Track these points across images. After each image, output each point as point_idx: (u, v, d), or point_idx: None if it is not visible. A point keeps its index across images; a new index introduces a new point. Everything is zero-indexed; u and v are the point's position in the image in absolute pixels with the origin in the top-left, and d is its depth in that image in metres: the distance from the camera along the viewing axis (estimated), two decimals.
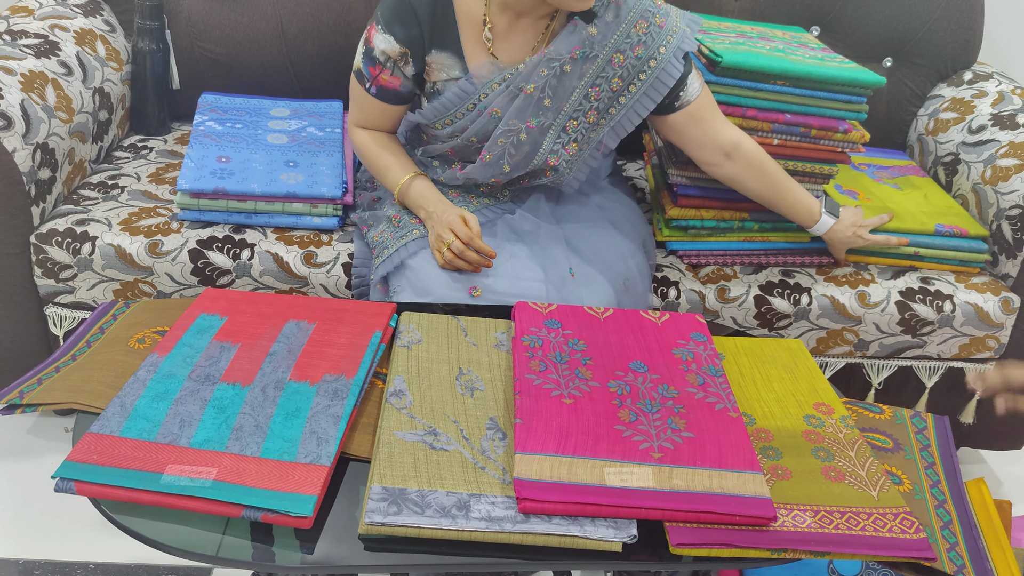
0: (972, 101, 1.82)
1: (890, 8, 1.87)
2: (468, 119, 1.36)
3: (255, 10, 1.82)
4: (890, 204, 1.64)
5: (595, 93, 1.32)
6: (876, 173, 1.77)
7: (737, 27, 1.66)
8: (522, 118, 1.33)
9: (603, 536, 0.84)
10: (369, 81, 1.37)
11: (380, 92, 1.39)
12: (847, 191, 1.67)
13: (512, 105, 1.32)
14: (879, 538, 0.87)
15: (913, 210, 1.63)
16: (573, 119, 1.35)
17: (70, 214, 1.52)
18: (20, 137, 1.44)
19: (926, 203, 1.67)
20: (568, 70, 1.30)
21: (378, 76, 1.36)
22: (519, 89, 1.32)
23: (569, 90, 1.32)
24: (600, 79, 1.32)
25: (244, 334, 1.07)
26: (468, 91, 1.35)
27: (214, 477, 0.86)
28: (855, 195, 1.67)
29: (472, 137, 1.37)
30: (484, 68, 1.34)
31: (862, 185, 1.71)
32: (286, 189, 1.51)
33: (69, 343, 1.12)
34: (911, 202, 1.67)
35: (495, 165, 1.37)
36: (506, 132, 1.33)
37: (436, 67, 1.35)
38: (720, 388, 1.02)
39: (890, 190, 1.70)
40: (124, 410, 0.93)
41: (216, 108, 1.74)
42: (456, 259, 1.31)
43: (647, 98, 1.35)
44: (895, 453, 1.04)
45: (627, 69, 1.32)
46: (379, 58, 1.35)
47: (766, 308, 1.54)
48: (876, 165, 1.82)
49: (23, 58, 1.55)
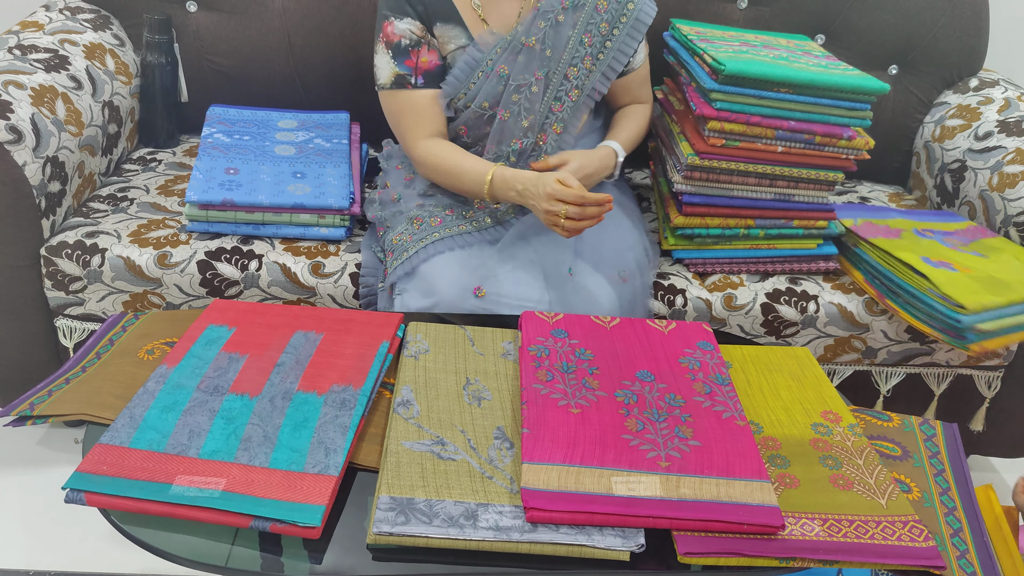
0: (978, 108, 1.82)
1: (895, 16, 1.88)
2: (478, 86, 1.43)
3: (262, 23, 1.84)
4: (991, 272, 1.45)
5: (588, 39, 1.43)
6: (947, 240, 1.57)
7: (741, 35, 1.66)
8: (529, 71, 1.41)
9: (611, 545, 0.84)
10: (413, 74, 1.41)
11: (427, 77, 1.43)
12: (938, 263, 1.46)
13: (517, 61, 1.41)
14: (888, 546, 0.87)
15: (1012, 279, 1.44)
16: (572, 66, 1.44)
17: (80, 226, 1.53)
18: (30, 151, 1.45)
19: (1020, 265, 1.49)
20: (562, 20, 1.42)
21: (418, 63, 1.41)
22: (521, 44, 1.41)
23: (565, 39, 1.43)
24: (590, 25, 1.43)
25: (252, 345, 1.08)
26: (477, 58, 1.42)
27: (223, 488, 0.86)
28: (951, 267, 1.45)
29: (484, 103, 1.44)
30: (487, 36, 1.43)
31: (947, 256, 1.50)
32: (294, 200, 1.52)
33: (79, 355, 1.13)
34: (1009, 270, 1.47)
35: (514, 122, 1.44)
36: (518, 88, 1.41)
37: (444, 39, 1.43)
38: (727, 396, 1.02)
39: (976, 258, 1.50)
40: (134, 421, 0.94)
41: (224, 120, 1.76)
42: (579, 224, 1.29)
43: (630, 38, 1.47)
44: (904, 461, 1.04)
45: (610, 13, 1.44)
46: (409, 44, 1.41)
47: (773, 316, 1.53)
48: (941, 231, 1.62)
49: (33, 72, 1.57)
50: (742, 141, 1.44)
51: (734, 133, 1.44)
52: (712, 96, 1.42)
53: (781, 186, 1.50)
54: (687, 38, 1.58)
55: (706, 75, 1.45)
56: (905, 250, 1.48)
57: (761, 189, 1.51)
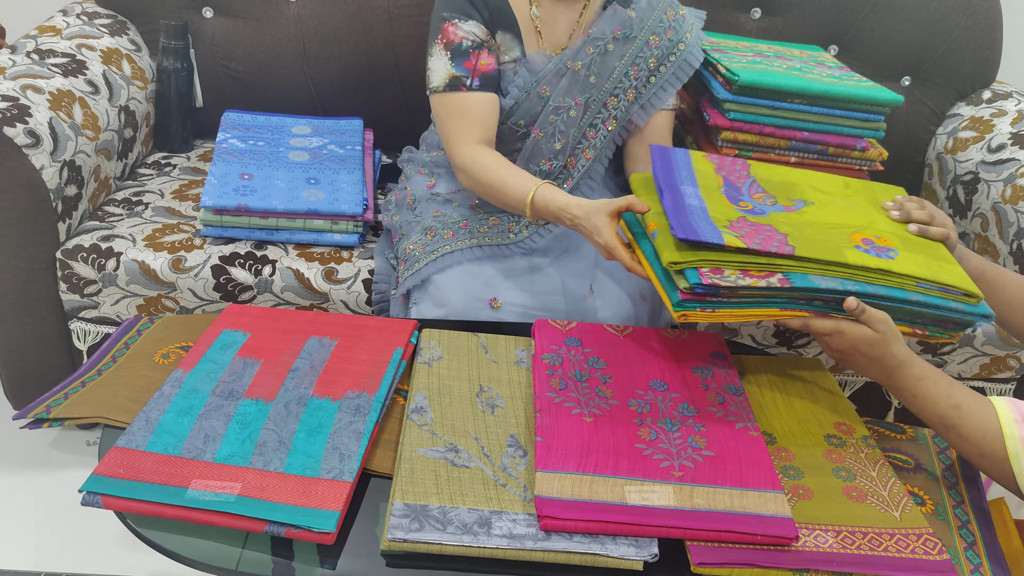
0: (991, 120, 1.82)
1: (908, 27, 1.88)
2: (519, 104, 1.42)
3: (277, 30, 1.85)
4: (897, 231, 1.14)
5: (634, 72, 1.41)
6: (767, 199, 1.17)
7: (754, 46, 1.67)
8: (571, 94, 1.40)
9: (624, 554, 0.84)
10: (469, 76, 1.36)
11: (483, 80, 1.37)
12: (871, 249, 1.08)
13: (560, 83, 1.40)
14: (902, 559, 0.87)
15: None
16: (614, 96, 1.42)
17: (95, 230, 1.54)
18: (48, 154, 1.47)
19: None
20: (611, 49, 1.40)
21: (476, 64, 1.36)
22: (566, 67, 1.39)
23: (611, 68, 1.40)
24: (639, 59, 1.41)
25: (267, 350, 1.08)
26: (527, 80, 1.40)
27: (238, 492, 0.87)
28: (890, 250, 1.08)
29: (520, 120, 1.43)
30: (538, 56, 1.42)
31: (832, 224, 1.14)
32: (307, 206, 1.53)
33: (95, 358, 1.14)
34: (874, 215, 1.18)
35: (547, 144, 1.42)
36: (556, 109, 1.40)
37: (502, 48, 1.42)
38: (740, 407, 1.02)
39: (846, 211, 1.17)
40: (149, 425, 0.94)
41: (239, 126, 1.77)
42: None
43: (675, 78, 1.45)
44: (917, 473, 1.04)
45: (661, 50, 1.42)
46: (471, 46, 1.36)
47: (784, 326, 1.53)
48: (738, 180, 1.21)
49: (51, 77, 1.58)
50: (755, 151, 1.45)
51: (747, 143, 1.44)
52: (726, 106, 1.42)
53: None
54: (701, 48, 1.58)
55: (719, 85, 1.45)
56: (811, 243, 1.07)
57: None
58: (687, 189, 1.11)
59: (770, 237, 1.02)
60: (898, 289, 1.01)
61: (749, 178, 1.19)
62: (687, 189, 1.11)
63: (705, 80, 1.51)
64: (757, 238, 1.01)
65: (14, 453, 1.71)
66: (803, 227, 1.07)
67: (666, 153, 1.20)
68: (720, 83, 1.46)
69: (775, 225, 1.06)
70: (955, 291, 1.01)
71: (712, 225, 1.02)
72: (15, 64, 1.58)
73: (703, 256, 0.99)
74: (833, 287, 0.99)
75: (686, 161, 1.19)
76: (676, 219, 1.03)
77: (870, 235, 1.08)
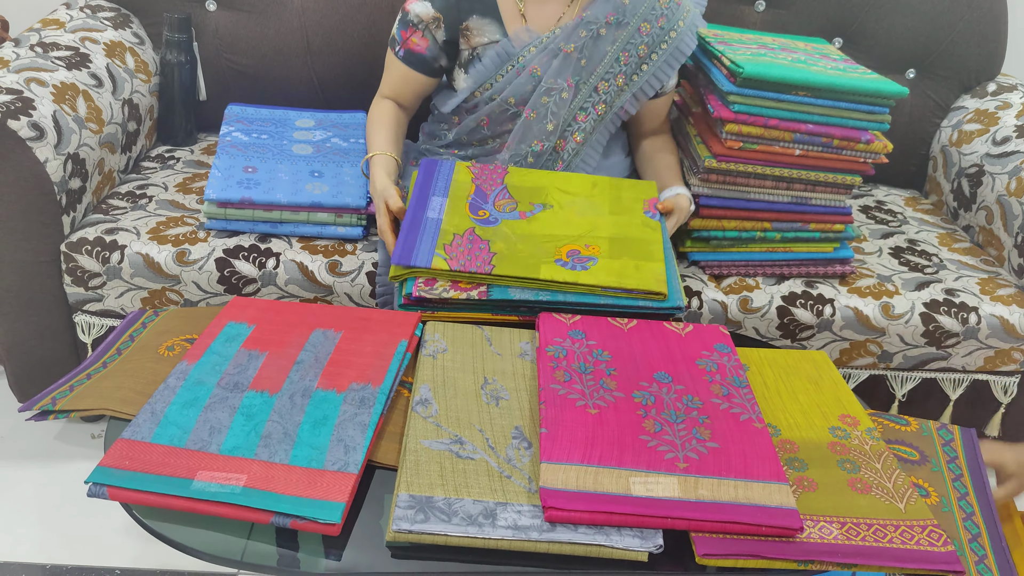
0: (996, 113, 1.81)
1: (913, 20, 1.87)
2: (506, 80, 1.46)
3: (281, 23, 1.85)
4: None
5: (624, 58, 1.45)
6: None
7: (759, 38, 1.66)
8: (563, 76, 1.44)
9: (629, 546, 0.84)
10: (399, 45, 1.49)
11: (407, 55, 1.50)
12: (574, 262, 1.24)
13: (552, 64, 1.44)
14: (907, 551, 0.87)
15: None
16: (604, 80, 1.47)
17: (99, 223, 1.54)
18: (52, 147, 1.47)
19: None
20: (603, 34, 1.44)
21: (408, 39, 1.48)
22: (559, 49, 1.43)
23: (603, 53, 1.45)
24: (630, 45, 1.45)
25: (272, 342, 1.08)
26: (510, 52, 1.45)
27: (243, 484, 0.87)
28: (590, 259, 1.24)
29: (510, 99, 1.47)
30: (522, 33, 1.46)
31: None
32: (311, 199, 1.53)
33: (100, 351, 1.14)
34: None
35: (538, 124, 1.47)
36: (548, 90, 1.44)
37: (476, 32, 1.46)
38: (745, 399, 1.02)
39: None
40: (155, 417, 0.94)
41: (242, 119, 1.77)
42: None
43: (667, 66, 1.49)
44: (922, 465, 1.04)
45: (652, 38, 1.46)
46: (412, 21, 1.47)
47: (789, 319, 1.53)
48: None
49: (55, 70, 1.58)
50: (760, 144, 1.44)
51: (752, 136, 1.44)
52: (730, 99, 1.42)
53: (798, 189, 1.50)
54: (705, 40, 1.57)
55: (724, 78, 1.45)
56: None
57: (778, 192, 1.51)
58: (435, 200, 1.31)
59: (478, 256, 1.20)
60: (586, 295, 1.19)
61: (501, 185, 1.36)
62: (435, 200, 1.31)
63: (709, 72, 1.51)
64: (464, 259, 1.19)
65: (19, 445, 1.71)
66: (518, 241, 1.24)
67: (431, 165, 1.39)
68: (724, 75, 1.46)
69: (492, 240, 1.24)
70: (639, 292, 1.18)
71: (432, 244, 1.22)
72: (19, 57, 1.58)
73: (418, 271, 1.19)
74: (526, 298, 1.18)
75: (448, 172, 1.38)
76: (401, 241, 1.23)
77: (580, 245, 1.25)
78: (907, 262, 1.66)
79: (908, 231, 1.79)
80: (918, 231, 1.79)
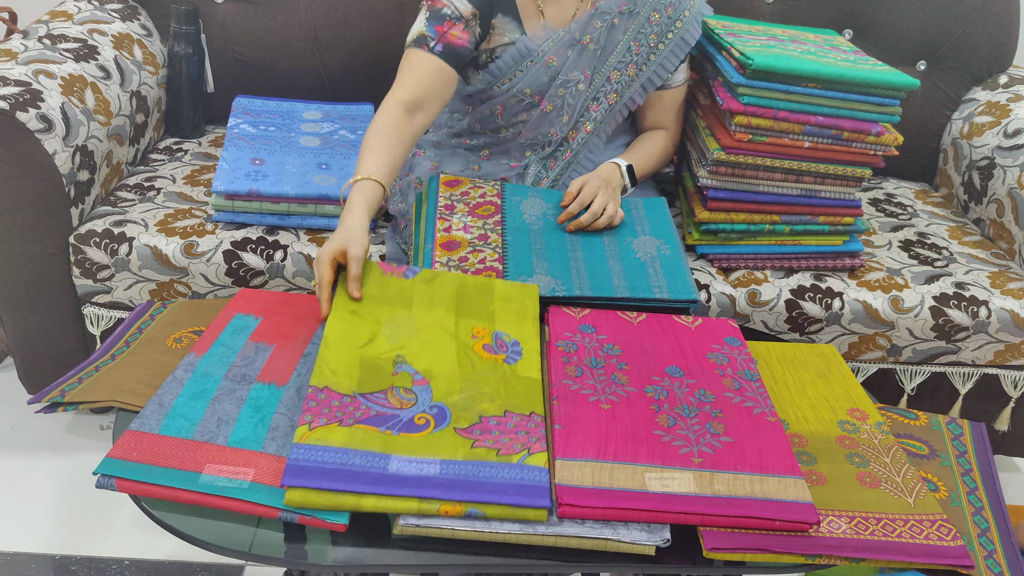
0: (1008, 105, 1.80)
1: (924, 11, 1.86)
2: (524, 72, 1.47)
3: (288, 15, 1.84)
4: None
5: (636, 47, 1.47)
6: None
7: (768, 30, 1.65)
8: (579, 67, 1.46)
9: (636, 539, 0.84)
10: (435, 40, 1.37)
11: (446, 49, 1.37)
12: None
13: (569, 56, 1.45)
14: (916, 545, 0.86)
15: None
16: (616, 69, 1.49)
17: (108, 215, 1.54)
18: (60, 139, 1.47)
19: None
20: (616, 24, 1.46)
21: (447, 32, 1.37)
22: (575, 40, 1.45)
23: (615, 42, 1.47)
24: (640, 34, 1.47)
25: (279, 335, 1.08)
26: (530, 48, 1.46)
27: (251, 478, 0.87)
28: None
29: (526, 89, 1.47)
30: (539, 30, 1.46)
31: None
32: (319, 191, 1.53)
33: (108, 343, 1.14)
34: None
35: (554, 116, 1.48)
36: (565, 83, 1.46)
37: (498, 32, 1.46)
38: (757, 392, 1.02)
39: None
40: (163, 408, 0.95)
41: (250, 111, 1.77)
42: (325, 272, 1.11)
43: (673, 55, 1.51)
44: (931, 459, 1.03)
45: (660, 27, 1.48)
46: (450, 15, 1.39)
47: (797, 312, 1.53)
48: None
49: (63, 62, 1.58)
50: (769, 136, 1.44)
51: (761, 128, 1.43)
52: (739, 91, 1.41)
53: (807, 182, 1.49)
54: (714, 32, 1.57)
55: (733, 69, 1.44)
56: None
57: (787, 185, 1.50)
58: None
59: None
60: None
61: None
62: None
63: (719, 64, 1.50)
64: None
65: (29, 437, 1.72)
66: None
67: None
68: (734, 67, 1.45)
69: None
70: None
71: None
72: (27, 49, 1.58)
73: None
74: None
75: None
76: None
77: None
78: (917, 255, 1.65)
79: (918, 224, 1.78)
80: (928, 224, 1.78)
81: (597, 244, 1.32)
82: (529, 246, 1.28)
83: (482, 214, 1.33)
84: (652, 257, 1.29)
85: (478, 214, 1.33)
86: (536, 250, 1.28)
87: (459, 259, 1.24)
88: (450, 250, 1.25)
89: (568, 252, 1.29)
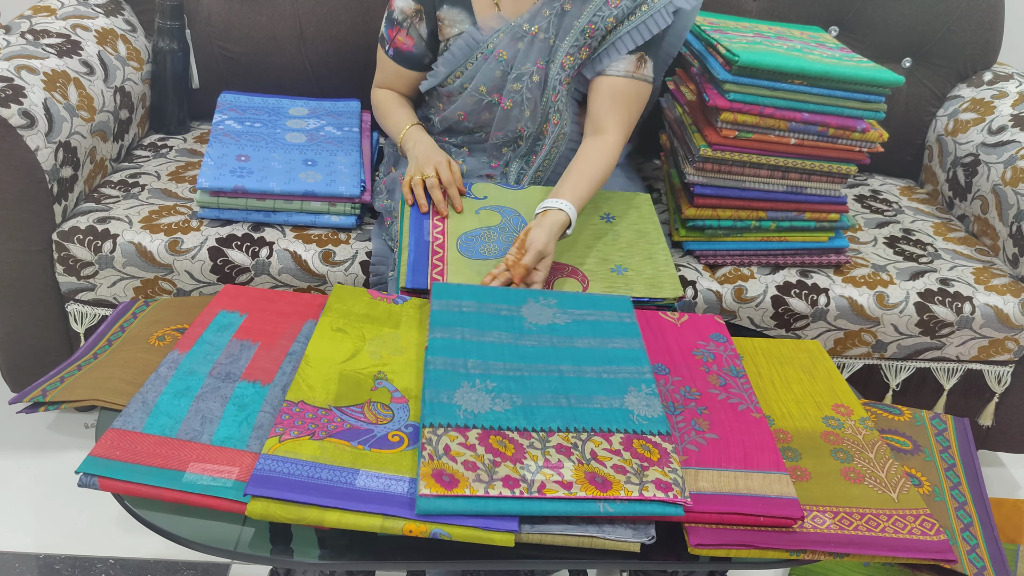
0: (992, 102, 1.81)
1: (909, 8, 1.86)
2: (476, 67, 1.46)
3: (274, 10, 1.83)
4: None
5: (590, 30, 1.42)
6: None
7: (754, 27, 1.65)
8: (531, 59, 1.43)
9: (621, 536, 0.84)
10: (388, 43, 1.52)
11: (396, 54, 1.52)
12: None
13: (519, 49, 1.43)
14: (899, 539, 0.87)
15: None
16: (569, 54, 1.44)
17: (91, 212, 1.53)
18: (43, 136, 1.46)
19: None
20: (568, 9, 1.42)
21: (395, 37, 1.50)
22: (523, 31, 1.43)
23: (568, 27, 1.42)
24: (597, 17, 1.41)
25: (264, 333, 1.08)
26: (478, 39, 1.45)
27: (235, 477, 0.86)
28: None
29: (482, 87, 1.45)
30: (492, 20, 1.45)
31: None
32: (304, 188, 1.52)
33: (91, 342, 1.13)
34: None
35: (516, 112, 1.46)
36: (519, 76, 1.43)
37: (448, 23, 1.45)
38: (742, 389, 1.02)
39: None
40: (146, 406, 0.94)
41: (235, 107, 1.75)
42: (423, 194, 1.37)
43: (629, 38, 1.42)
44: (915, 455, 1.04)
45: (622, 10, 1.41)
46: (397, 18, 1.48)
47: (783, 308, 1.53)
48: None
49: (46, 57, 1.57)
50: (755, 133, 1.44)
51: (747, 125, 1.43)
52: (726, 87, 1.41)
53: (793, 178, 1.50)
54: (700, 28, 1.57)
55: (720, 66, 1.44)
56: None
57: (773, 181, 1.50)
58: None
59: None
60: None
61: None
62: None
63: (705, 61, 1.50)
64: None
65: (12, 435, 1.71)
66: None
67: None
68: (720, 64, 1.45)
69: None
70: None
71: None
72: (9, 44, 1.57)
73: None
74: None
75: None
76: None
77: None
78: (902, 251, 1.66)
79: (903, 220, 1.78)
80: (913, 220, 1.79)
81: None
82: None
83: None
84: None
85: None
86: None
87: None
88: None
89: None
